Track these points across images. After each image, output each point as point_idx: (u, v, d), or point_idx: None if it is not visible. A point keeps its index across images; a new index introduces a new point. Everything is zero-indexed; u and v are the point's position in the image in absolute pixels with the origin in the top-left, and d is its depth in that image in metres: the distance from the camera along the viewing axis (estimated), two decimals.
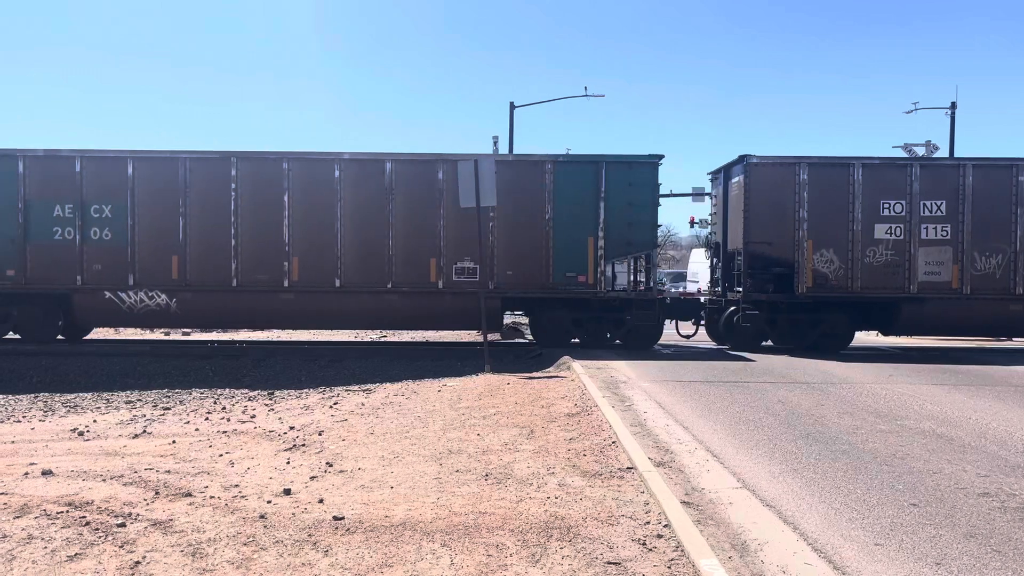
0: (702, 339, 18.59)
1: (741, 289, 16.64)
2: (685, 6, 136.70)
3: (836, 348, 16.57)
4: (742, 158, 16.53)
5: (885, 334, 18.20)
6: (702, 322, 18.12)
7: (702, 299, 18.64)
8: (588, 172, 16.05)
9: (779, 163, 16.31)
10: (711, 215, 19.21)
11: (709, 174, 19.38)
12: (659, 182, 16.36)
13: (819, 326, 16.56)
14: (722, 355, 15.89)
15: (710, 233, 19.38)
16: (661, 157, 16.20)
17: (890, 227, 16.11)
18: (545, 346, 16.22)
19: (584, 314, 16.45)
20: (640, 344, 16.50)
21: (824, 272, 16.13)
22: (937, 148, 32.78)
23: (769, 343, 17.14)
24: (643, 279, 16.84)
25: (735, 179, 17.21)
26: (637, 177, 16.11)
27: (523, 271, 16.15)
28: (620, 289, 16.54)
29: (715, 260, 18.88)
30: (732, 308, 16.98)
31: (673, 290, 22.95)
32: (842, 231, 16.09)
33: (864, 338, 19.63)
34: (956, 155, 28.69)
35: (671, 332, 18.50)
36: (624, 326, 16.45)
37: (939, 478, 6.33)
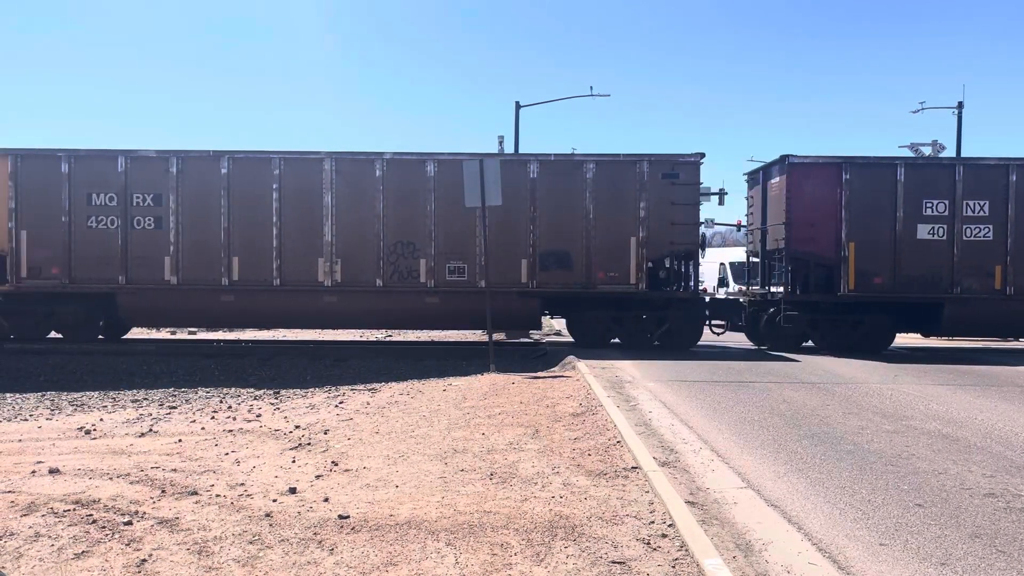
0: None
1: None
2: (689, 6, 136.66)
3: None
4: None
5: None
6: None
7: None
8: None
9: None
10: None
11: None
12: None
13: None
14: (735, 355, 15.86)
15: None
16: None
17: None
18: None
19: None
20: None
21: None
22: (944, 148, 32.63)
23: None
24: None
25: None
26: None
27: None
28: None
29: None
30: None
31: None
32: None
33: None
34: (963, 155, 28.54)
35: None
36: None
37: (944, 478, 6.32)
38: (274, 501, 5.78)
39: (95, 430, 9.03)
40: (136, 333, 20.47)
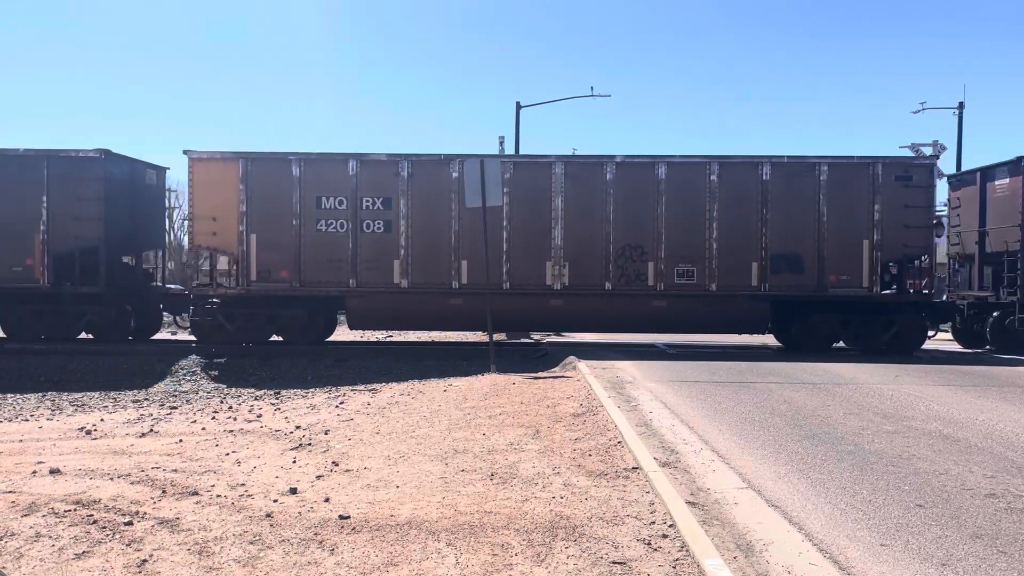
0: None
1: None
2: (689, 6, 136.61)
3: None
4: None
5: None
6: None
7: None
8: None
9: None
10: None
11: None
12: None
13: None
14: (731, 356, 15.86)
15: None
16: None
17: None
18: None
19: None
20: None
21: None
22: (945, 148, 32.68)
23: None
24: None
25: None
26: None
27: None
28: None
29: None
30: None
31: None
32: None
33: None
34: (963, 156, 28.55)
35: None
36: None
37: (945, 479, 6.32)
38: (275, 501, 5.78)
39: (96, 430, 9.04)
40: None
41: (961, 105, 31.72)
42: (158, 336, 18.75)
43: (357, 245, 15.98)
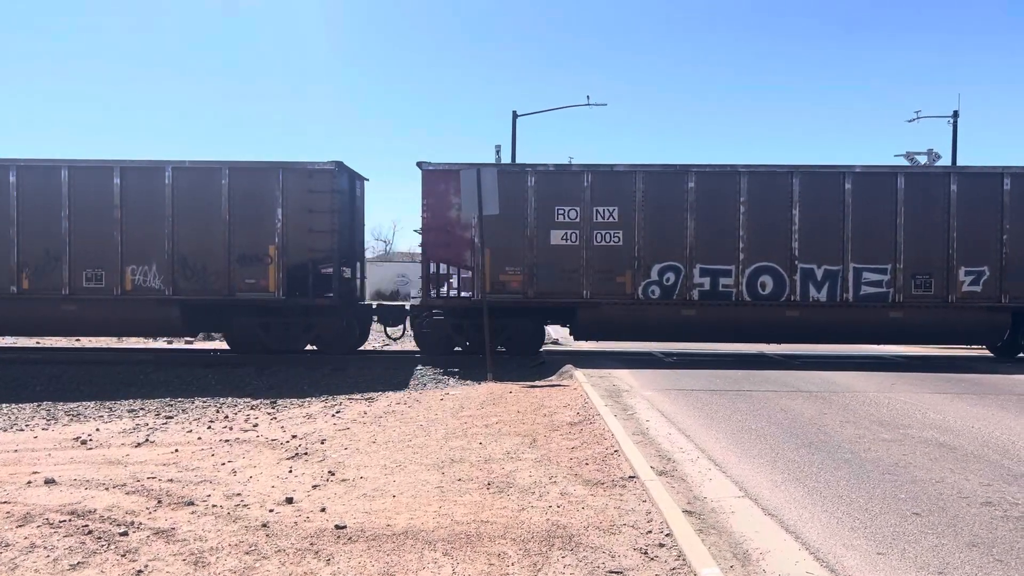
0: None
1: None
2: (684, 16, 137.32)
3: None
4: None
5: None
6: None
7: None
8: None
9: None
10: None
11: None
12: None
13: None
14: (727, 364, 15.86)
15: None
16: None
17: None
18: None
19: None
20: None
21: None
22: (939, 156, 32.79)
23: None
24: None
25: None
26: None
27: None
28: None
29: None
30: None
31: None
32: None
33: (862, 347, 19.57)
34: (959, 163, 28.63)
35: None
36: None
37: (942, 487, 6.32)
38: (271, 511, 5.77)
39: (91, 440, 9.01)
40: (137, 342, 20.41)
41: (956, 114, 31.90)
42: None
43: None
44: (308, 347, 16.99)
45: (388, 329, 17.85)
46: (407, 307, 17.76)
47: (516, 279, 16.02)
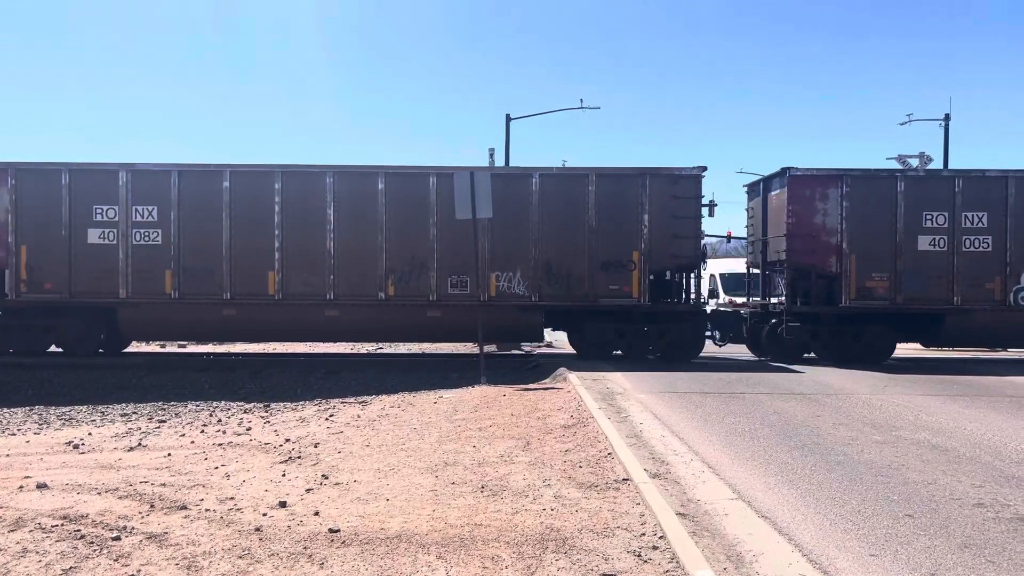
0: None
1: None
2: (677, 20, 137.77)
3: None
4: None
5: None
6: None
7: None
8: None
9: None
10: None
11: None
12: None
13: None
14: (721, 367, 15.89)
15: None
16: None
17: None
18: None
19: None
20: None
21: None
22: (931, 160, 32.91)
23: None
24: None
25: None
26: None
27: None
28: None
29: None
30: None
31: None
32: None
33: None
34: (951, 167, 28.77)
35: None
36: None
37: (934, 489, 6.34)
38: (264, 515, 5.75)
39: (83, 444, 8.97)
40: (134, 347, 20.34)
41: (947, 117, 32.01)
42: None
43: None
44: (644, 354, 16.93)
45: (716, 334, 18.26)
46: (743, 313, 18.10)
47: (882, 285, 16.26)
